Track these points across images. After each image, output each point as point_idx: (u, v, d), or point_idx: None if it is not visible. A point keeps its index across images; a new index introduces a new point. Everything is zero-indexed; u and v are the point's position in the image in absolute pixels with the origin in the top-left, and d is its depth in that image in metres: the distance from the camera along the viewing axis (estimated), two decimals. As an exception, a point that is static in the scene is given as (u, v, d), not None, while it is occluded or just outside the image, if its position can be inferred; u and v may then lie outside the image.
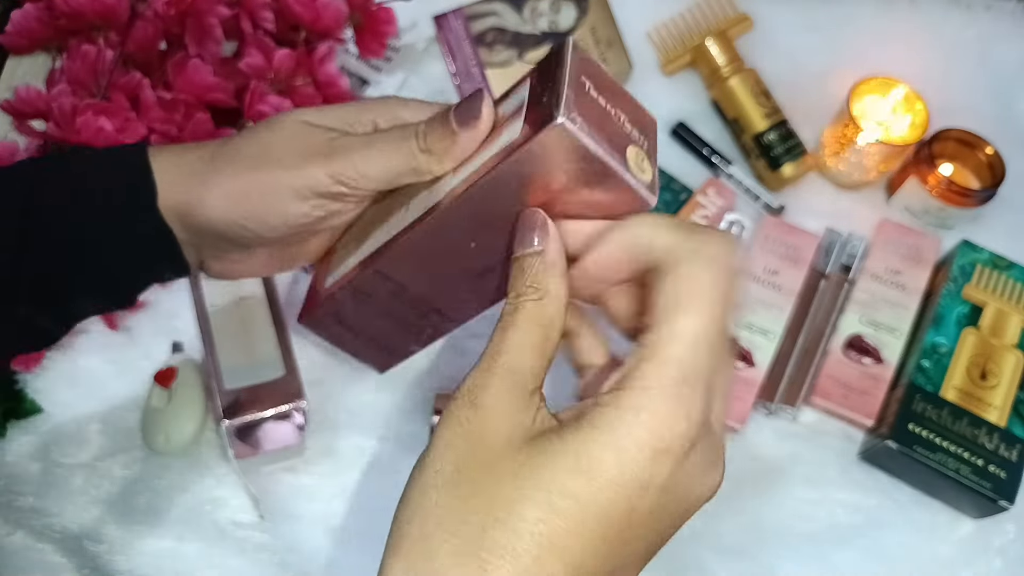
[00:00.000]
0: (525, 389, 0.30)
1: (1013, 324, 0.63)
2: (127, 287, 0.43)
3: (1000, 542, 0.61)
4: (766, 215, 0.70)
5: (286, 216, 0.38)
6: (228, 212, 0.38)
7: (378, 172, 0.37)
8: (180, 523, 0.58)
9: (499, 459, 0.28)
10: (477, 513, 0.28)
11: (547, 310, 0.31)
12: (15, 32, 0.60)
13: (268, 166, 0.38)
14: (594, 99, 0.34)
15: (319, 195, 0.38)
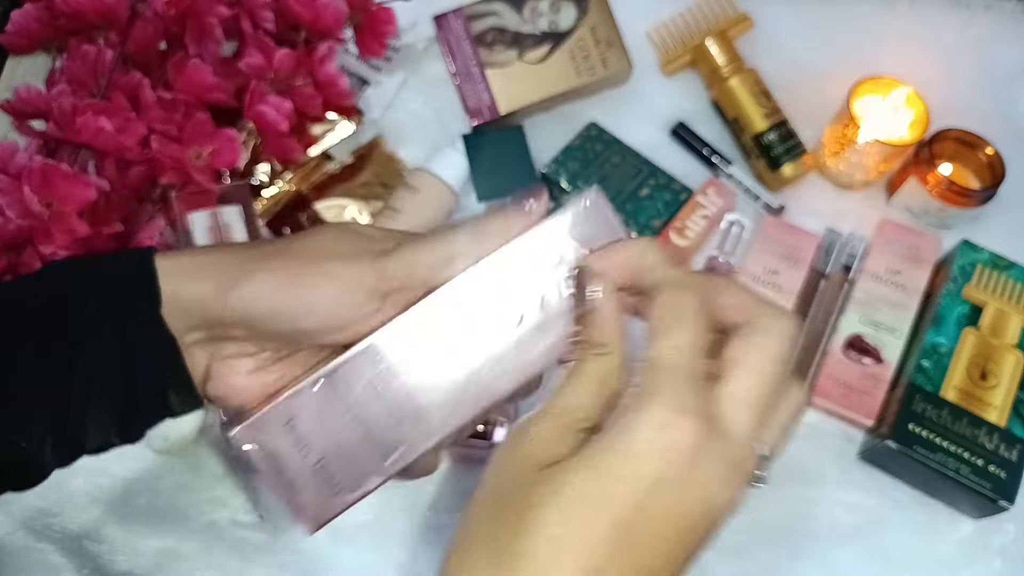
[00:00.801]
0: (575, 427, 0.32)
1: (1013, 324, 0.63)
2: (131, 413, 0.39)
3: (1000, 542, 0.61)
4: (766, 215, 0.70)
5: (330, 303, 0.36)
6: (269, 300, 0.37)
7: (430, 264, 0.37)
8: (180, 523, 0.58)
9: (531, 479, 0.31)
10: (507, 526, 0.30)
11: (609, 365, 0.33)
12: (15, 32, 0.60)
13: (319, 259, 0.37)
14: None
15: (367, 292, 0.36)
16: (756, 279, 0.65)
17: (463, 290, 0.37)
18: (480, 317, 0.37)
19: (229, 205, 0.60)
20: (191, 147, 0.59)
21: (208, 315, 0.37)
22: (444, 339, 0.37)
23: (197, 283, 0.37)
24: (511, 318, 0.37)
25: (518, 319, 0.37)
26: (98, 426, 0.38)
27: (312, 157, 0.68)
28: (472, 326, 0.37)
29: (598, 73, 0.71)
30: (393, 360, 0.37)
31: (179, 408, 0.39)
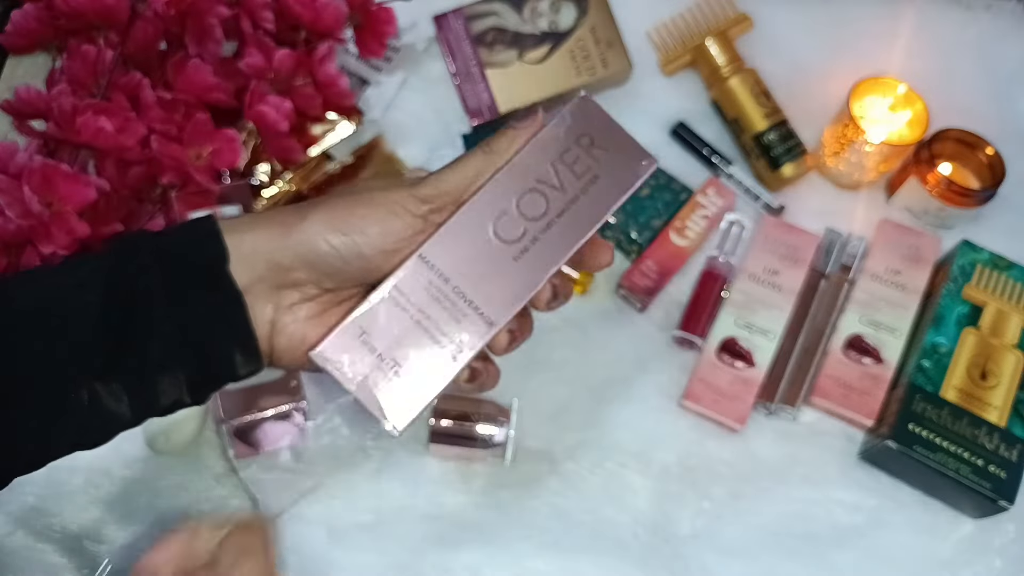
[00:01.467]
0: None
1: (1013, 324, 0.63)
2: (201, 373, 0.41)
3: (1000, 542, 0.61)
4: (766, 215, 0.70)
5: (383, 225, 0.41)
6: (329, 225, 0.40)
7: (457, 183, 0.42)
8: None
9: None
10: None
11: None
12: (15, 32, 0.60)
13: (365, 193, 0.42)
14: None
15: (409, 212, 0.41)
16: (756, 279, 0.65)
17: (489, 196, 0.42)
18: (507, 217, 0.42)
19: (229, 205, 0.60)
20: (191, 147, 0.59)
21: (271, 260, 0.40)
22: (481, 241, 0.42)
23: (258, 232, 0.41)
24: (535, 213, 0.42)
25: (541, 212, 0.42)
26: (171, 385, 0.40)
27: (312, 157, 0.68)
28: (503, 226, 0.42)
29: (598, 73, 0.71)
30: (442, 265, 0.42)
31: (243, 370, 0.41)
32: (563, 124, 0.43)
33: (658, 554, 0.60)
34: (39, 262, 0.56)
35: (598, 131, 0.44)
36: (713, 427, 0.63)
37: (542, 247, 0.42)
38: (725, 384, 0.62)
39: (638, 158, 0.44)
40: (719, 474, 0.62)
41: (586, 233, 0.43)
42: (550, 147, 0.43)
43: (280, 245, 0.40)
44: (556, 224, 0.42)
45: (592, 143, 0.43)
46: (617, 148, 0.44)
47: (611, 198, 0.43)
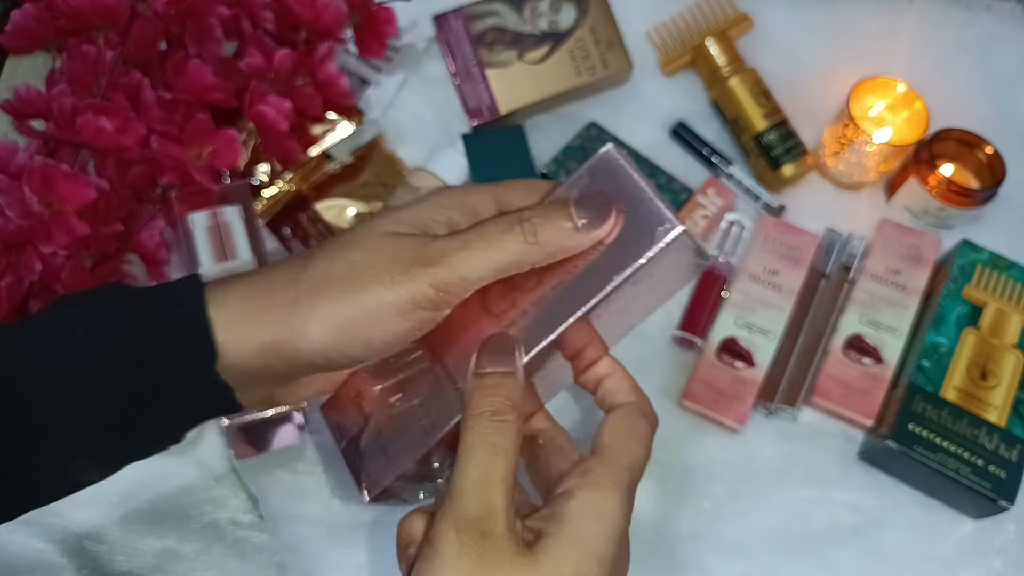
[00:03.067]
0: (511, 499, 0.36)
1: (1013, 324, 0.63)
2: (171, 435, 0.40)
3: (1000, 542, 0.61)
4: (766, 215, 0.70)
5: (390, 335, 0.37)
6: (331, 341, 0.37)
7: (480, 273, 0.37)
8: (180, 523, 0.58)
9: (513, 564, 0.34)
10: None
11: (519, 427, 0.37)
12: (15, 32, 0.60)
13: (368, 286, 0.36)
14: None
15: (422, 308, 0.37)
16: (756, 279, 0.65)
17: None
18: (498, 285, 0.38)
19: (229, 205, 0.60)
20: (191, 147, 0.59)
21: (266, 367, 0.37)
22: (472, 311, 0.39)
23: (250, 341, 0.37)
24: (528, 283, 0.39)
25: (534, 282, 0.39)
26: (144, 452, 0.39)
27: (312, 157, 0.68)
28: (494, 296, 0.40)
29: (598, 73, 0.71)
30: (431, 336, 0.39)
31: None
32: (580, 182, 0.39)
33: (657, 553, 0.60)
34: (39, 263, 0.56)
35: (618, 190, 0.38)
36: (713, 427, 0.63)
37: (532, 322, 0.38)
38: (725, 384, 0.62)
39: (659, 224, 0.37)
40: (718, 474, 0.62)
41: (577, 311, 0.38)
42: None
43: (271, 353, 0.37)
44: (550, 296, 0.38)
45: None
46: (636, 212, 0.38)
47: (616, 269, 0.37)
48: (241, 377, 0.38)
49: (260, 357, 0.37)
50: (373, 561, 0.58)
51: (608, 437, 0.38)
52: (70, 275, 0.57)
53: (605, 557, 0.35)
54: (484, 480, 0.35)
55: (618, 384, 0.41)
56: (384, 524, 0.59)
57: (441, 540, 0.34)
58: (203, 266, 0.58)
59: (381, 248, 0.37)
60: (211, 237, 0.59)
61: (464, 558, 0.33)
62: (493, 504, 0.34)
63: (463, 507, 0.34)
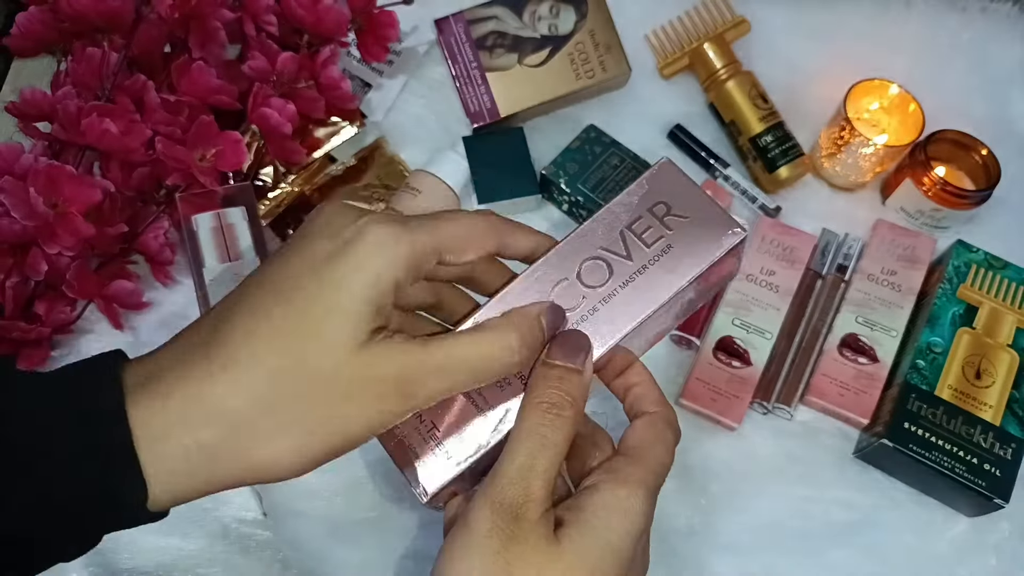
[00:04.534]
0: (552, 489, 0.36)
1: (1008, 324, 0.64)
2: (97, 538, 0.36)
3: (995, 540, 0.62)
4: (763, 216, 0.71)
5: (358, 443, 0.35)
6: (297, 473, 0.34)
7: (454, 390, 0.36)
8: (184, 521, 0.58)
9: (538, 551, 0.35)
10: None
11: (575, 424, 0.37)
12: (20, 35, 0.61)
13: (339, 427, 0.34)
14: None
15: (401, 403, 0.35)
16: (753, 279, 0.66)
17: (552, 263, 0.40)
18: (567, 283, 0.40)
19: (233, 206, 0.61)
20: (195, 149, 0.59)
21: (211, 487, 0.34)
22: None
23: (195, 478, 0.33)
24: (596, 281, 0.40)
25: (603, 280, 0.40)
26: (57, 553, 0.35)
27: (315, 159, 0.69)
28: (561, 293, 0.40)
29: (597, 76, 0.72)
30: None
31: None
32: (639, 191, 0.41)
33: (655, 551, 0.60)
34: (45, 263, 0.56)
35: (676, 198, 0.40)
36: (710, 426, 0.64)
37: (600, 317, 0.39)
38: (722, 383, 0.63)
39: (724, 226, 0.40)
40: (716, 472, 0.63)
41: (650, 307, 0.39)
42: (621, 215, 0.41)
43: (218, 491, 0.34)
44: (619, 294, 0.39)
45: (668, 211, 0.40)
46: (699, 217, 0.40)
47: (685, 269, 0.39)
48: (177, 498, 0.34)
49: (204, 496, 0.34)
50: (375, 558, 0.58)
51: (635, 440, 0.39)
52: (75, 276, 0.57)
53: (623, 552, 0.36)
54: (529, 468, 0.35)
55: (647, 392, 0.41)
56: (386, 522, 0.59)
57: (475, 517, 0.35)
58: (207, 267, 0.59)
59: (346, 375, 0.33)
60: (215, 238, 0.60)
61: (494, 538, 0.34)
62: (532, 492, 0.35)
63: (502, 490, 0.35)
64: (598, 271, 0.40)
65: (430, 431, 0.39)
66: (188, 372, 0.33)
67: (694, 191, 0.41)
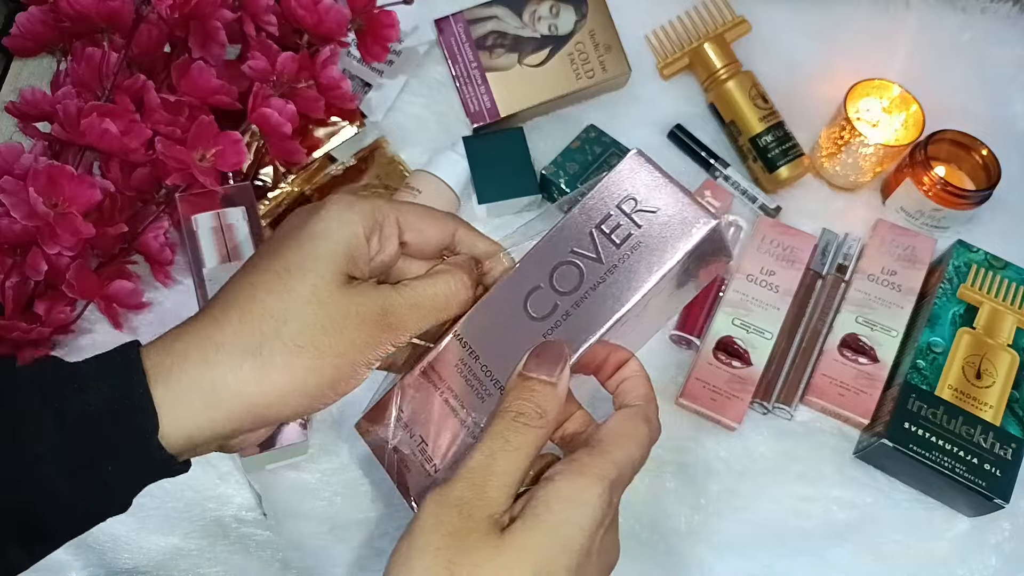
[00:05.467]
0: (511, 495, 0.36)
1: (1008, 324, 0.64)
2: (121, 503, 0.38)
3: (996, 539, 0.62)
4: (763, 216, 0.71)
5: (355, 384, 0.38)
6: (304, 404, 0.37)
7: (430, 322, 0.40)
8: (184, 520, 0.58)
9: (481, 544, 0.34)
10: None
11: (544, 434, 0.37)
12: (20, 35, 0.61)
13: (341, 351, 0.37)
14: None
15: (384, 357, 0.39)
16: (753, 279, 0.66)
17: (527, 269, 0.40)
18: (541, 291, 0.40)
19: (233, 206, 0.61)
20: (195, 149, 0.59)
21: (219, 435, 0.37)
22: (514, 317, 0.40)
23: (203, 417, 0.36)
24: (568, 286, 0.39)
25: (575, 285, 0.39)
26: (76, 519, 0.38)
27: (315, 159, 0.69)
28: (535, 301, 0.40)
29: (597, 76, 0.72)
30: (474, 343, 0.40)
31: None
32: (608, 187, 0.40)
33: (655, 550, 0.60)
34: (45, 263, 0.56)
35: (645, 191, 0.39)
36: (710, 425, 0.64)
37: (572, 324, 0.39)
38: (722, 383, 0.63)
39: (694, 218, 0.38)
40: (716, 471, 0.63)
41: (621, 308, 0.38)
42: (592, 214, 0.40)
43: (229, 422, 0.36)
44: (589, 298, 0.39)
45: (636, 205, 0.39)
46: (668, 210, 0.38)
47: (654, 266, 0.38)
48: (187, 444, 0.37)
49: (213, 428, 0.36)
50: (375, 558, 0.58)
51: (604, 433, 0.38)
52: (75, 276, 0.57)
53: (574, 546, 0.34)
54: (483, 468, 0.35)
55: (634, 387, 0.41)
56: (386, 522, 0.59)
57: (422, 514, 0.35)
58: (207, 267, 0.59)
59: (330, 311, 0.37)
60: (215, 238, 0.60)
61: (437, 532, 0.34)
62: (484, 491, 0.35)
63: (452, 486, 0.35)
64: (570, 275, 0.39)
65: (419, 445, 0.40)
66: (194, 321, 0.37)
67: (662, 182, 0.39)
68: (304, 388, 0.37)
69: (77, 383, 0.36)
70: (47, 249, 0.56)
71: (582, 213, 0.40)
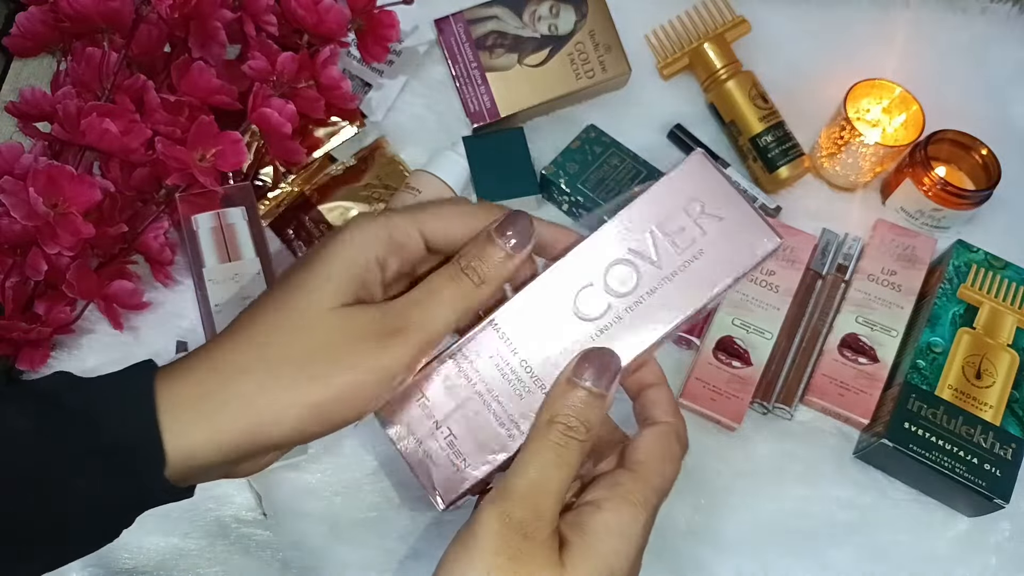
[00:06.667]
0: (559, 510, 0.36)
1: (1008, 324, 0.64)
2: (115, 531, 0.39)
3: (995, 540, 0.62)
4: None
5: (365, 402, 0.37)
6: (301, 426, 0.36)
7: (444, 328, 0.38)
8: (184, 520, 0.58)
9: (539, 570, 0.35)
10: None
11: (588, 448, 0.37)
12: (20, 35, 0.61)
13: (335, 370, 0.36)
14: None
15: (401, 375, 0.37)
16: (753, 280, 0.66)
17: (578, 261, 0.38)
18: (592, 289, 0.38)
19: (233, 206, 0.61)
20: (195, 149, 0.59)
21: (226, 458, 0.36)
22: (561, 313, 0.38)
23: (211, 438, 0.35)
24: (623, 288, 0.38)
25: (631, 288, 0.37)
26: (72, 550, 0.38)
27: (315, 159, 0.69)
28: (585, 299, 0.38)
29: (597, 76, 0.72)
30: (514, 336, 0.38)
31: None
32: (671, 185, 0.38)
33: (654, 550, 0.60)
34: (45, 263, 0.56)
35: (711, 197, 0.37)
36: (710, 425, 0.64)
37: (624, 328, 0.37)
38: (722, 383, 0.63)
39: (759, 234, 0.37)
40: (716, 471, 0.63)
41: (676, 318, 0.37)
42: (653, 212, 0.38)
43: (236, 446, 0.36)
44: (644, 303, 0.37)
45: (703, 211, 0.37)
46: (733, 219, 0.37)
47: (716, 278, 0.37)
48: (193, 472, 0.36)
49: (220, 451, 0.36)
50: (374, 557, 0.58)
51: (644, 454, 0.38)
52: (75, 276, 0.57)
53: (617, 573, 0.36)
54: (540, 486, 0.35)
55: (661, 399, 0.40)
56: (386, 522, 0.59)
57: (483, 530, 0.35)
58: (208, 267, 0.59)
59: (332, 327, 0.36)
60: (215, 238, 0.60)
61: (501, 555, 0.34)
62: (543, 511, 0.35)
63: (513, 505, 0.35)
64: (625, 276, 0.38)
65: (447, 438, 0.39)
66: (206, 346, 0.38)
67: (729, 191, 0.37)
68: (295, 419, 0.35)
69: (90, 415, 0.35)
70: (47, 249, 0.56)
71: (641, 209, 0.38)
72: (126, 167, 0.60)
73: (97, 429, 0.35)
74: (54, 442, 0.35)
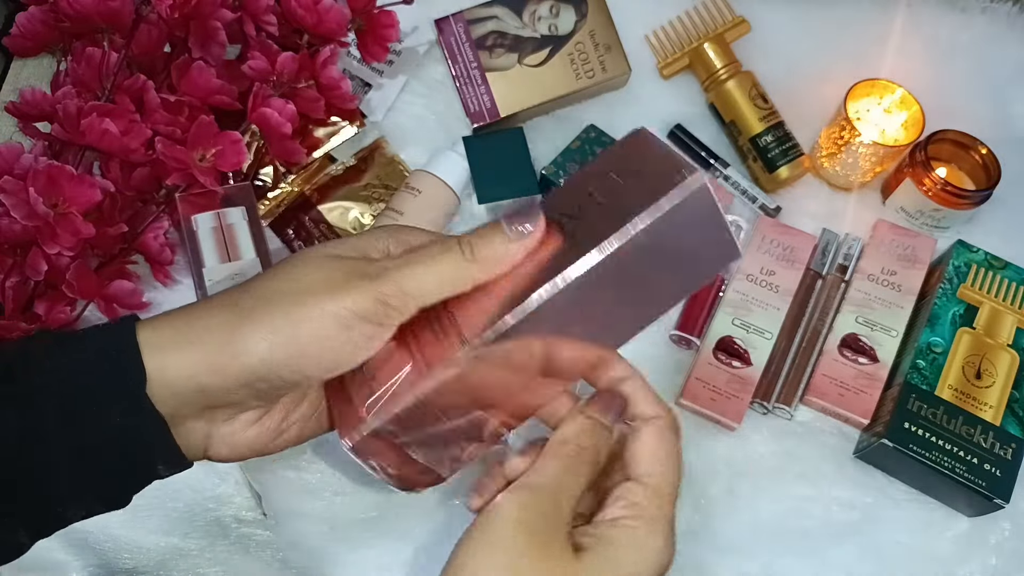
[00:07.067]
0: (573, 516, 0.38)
1: (1008, 324, 0.64)
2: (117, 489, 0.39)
3: (995, 539, 0.62)
4: (763, 216, 0.71)
5: (333, 350, 0.37)
6: (272, 355, 0.36)
7: (421, 288, 0.37)
8: (184, 520, 0.58)
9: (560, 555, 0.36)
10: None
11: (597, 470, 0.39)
12: (20, 35, 0.61)
13: (309, 299, 0.36)
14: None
15: (365, 320, 0.36)
16: (753, 279, 0.66)
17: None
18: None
19: (233, 206, 0.61)
20: (195, 149, 0.59)
21: (200, 386, 0.36)
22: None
23: (184, 356, 0.36)
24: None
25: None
26: (77, 508, 0.38)
27: (315, 159, 0.69)
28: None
29: (597, 76, 0.72)
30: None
31: (167, 474, 0.40)
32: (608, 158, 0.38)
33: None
34: (45, 263, 0.56)
35: (646, 162, 0.37)
36: (710, 425, 0.64)
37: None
38: (722, 383, 0.63)
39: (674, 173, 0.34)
40: (716, 472, 0.63)
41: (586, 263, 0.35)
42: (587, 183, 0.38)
43: (213, 377, 0.36)
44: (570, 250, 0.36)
45: (635, 174, 0.36)
46: (656, 171, 0.35)
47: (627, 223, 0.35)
48: (174, 404, 0.37)
49: (196, 379, 0.36)
50: (375, 557, 0.59)
51: (650, 464, 0.39)
52: (75, 276, 0.57)
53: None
54: (558, 482, 0.38)
55: (639, 392, 0.41)
56: (386, 522, 0.60)
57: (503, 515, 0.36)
58: (208, 267, 0.59)
59: (322, 266, 0.38)
60: (215, 238, 0.60)
61: (520, 536, 0.36)
62: (560, 503, 0.37)
63: (532, 495, 0.37)
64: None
65: (370, 380, 0.38)
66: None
67: (668, 154, 0.36)
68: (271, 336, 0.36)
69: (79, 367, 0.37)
70: (47, 249, 0.56)
71: (581, 179, 0.39)
72: (126, 167, 0.60)
73: (82, 344, 0.37)
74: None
